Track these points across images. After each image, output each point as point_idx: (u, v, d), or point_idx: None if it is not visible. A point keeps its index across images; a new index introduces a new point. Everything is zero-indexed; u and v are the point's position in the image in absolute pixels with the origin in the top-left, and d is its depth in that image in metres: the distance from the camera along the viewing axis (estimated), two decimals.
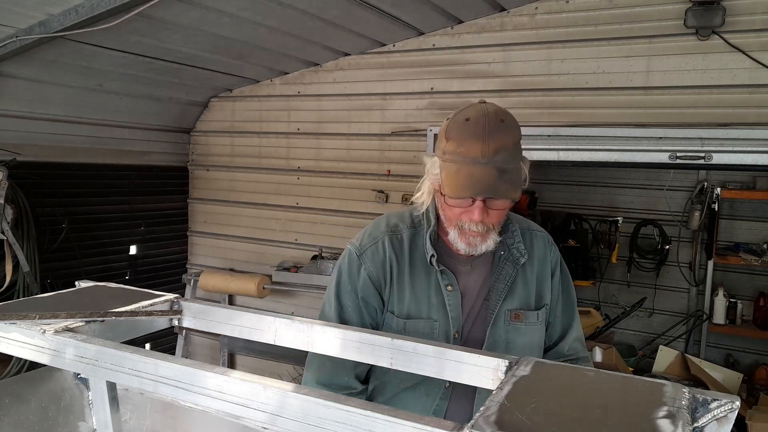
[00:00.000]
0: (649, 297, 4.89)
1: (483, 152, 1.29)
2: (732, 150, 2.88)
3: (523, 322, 1.47)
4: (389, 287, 1.47)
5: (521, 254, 1.49)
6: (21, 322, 1.01)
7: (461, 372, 0.99)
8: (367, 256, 1.48)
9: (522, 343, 1.47)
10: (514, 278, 1.48)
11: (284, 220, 4.28)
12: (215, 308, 1.24)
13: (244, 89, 4.35)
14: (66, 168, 3.74)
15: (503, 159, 1.31)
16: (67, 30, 2.68)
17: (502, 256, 1.49)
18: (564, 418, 0.70)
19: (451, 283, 1.45)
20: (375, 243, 1.49)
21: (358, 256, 1.49)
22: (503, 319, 1.46)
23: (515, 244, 1.49)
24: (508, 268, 1.48)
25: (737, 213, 4.77)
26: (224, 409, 0.81)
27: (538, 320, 1.50)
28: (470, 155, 1.30)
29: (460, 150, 1.31)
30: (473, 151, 1.30)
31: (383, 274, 1.47)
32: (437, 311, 1.45)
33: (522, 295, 1.49)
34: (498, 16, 3.41)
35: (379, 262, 1.47)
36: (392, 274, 1.46)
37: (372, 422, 0.70)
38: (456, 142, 1.33)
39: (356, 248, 1.51)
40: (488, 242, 1.39)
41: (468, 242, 1.39)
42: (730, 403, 0.72)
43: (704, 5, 2.88)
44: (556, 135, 3.23)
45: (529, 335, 1.49)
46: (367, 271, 1.47)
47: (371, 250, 1.49)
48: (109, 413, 0.99)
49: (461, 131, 1.33)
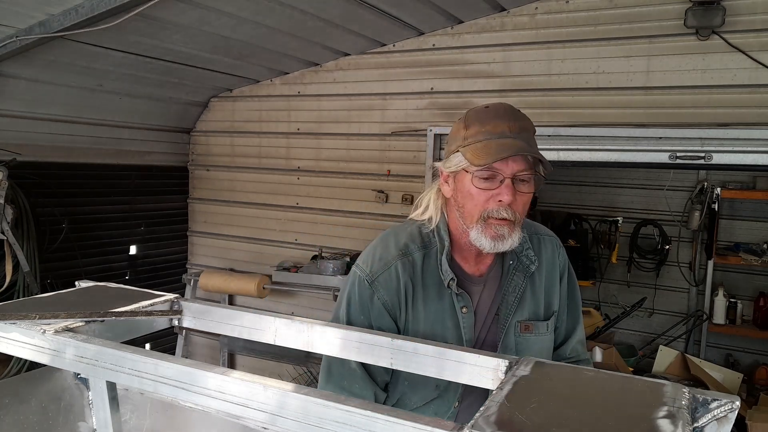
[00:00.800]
0: (649, 297, 4.89)
1: (510, 128, 1.28)
2: (732, 150, 2.88)
3: (533, 333, 1.44)
4: (404, 313, 1.39)
5: (531, 261, 1.44)
6: (21, 322, 1.01)
7: (461, 372, 0.99)
8: (380, 283, 1.38)
9: (531, 354, 1.42)
10: (524, 288, 1.44)
11: (284, 220, 4.28)
12: (215, 308, 1.24)
13: (244, 89, 4.35)
14: (66, 168, 3.74)
15: (529, 138, 1.30)
16: (67, 30, 2.68)
17: (511, 265, 1.43)
18: (564, 418, 0.70)
19: (466, 305, 1.40)
20: (387, 269, 1.39)
21: (369, 283, 1.39)
22: (513, 331, 1.42)
23: (524, 252, 1.44)
24: (518, 278, 1.43)
25: (737, 213, 4.77)
26: (224, 409, 0.81)
27: (547, 330, 1.46)
28: (497, 131, 1.28)
29: (486, 129, 1.29)
30: (500, 127, 1.28)
31: (398, 301, 1.38)
32: (451, 333, 1.39)
33: (531, 306, 1.45)
34: (498, 16, 3.41)
35: (393, 290, 1.38)
36: (407, 300, 1.38)
37: (372, 422, 0.70)
38: (479, 125, 1.30)
39: (367, 275, 1.40)
40: (513, 236, 1.31)
41: (494, 234, 1.29)
42: (730, 403, 0.72)
43: (704, 5, 2.88)
44: (556, 135, 3.23)
45: (538, 345, 1.45)
46: (381, 300, 1.38)
47: (384, 276, 1.38)
48: (109, 413, 0.99)
49: (483, 116, 1.32)
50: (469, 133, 1.31)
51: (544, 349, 1.47)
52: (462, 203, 1.34)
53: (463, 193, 1.33)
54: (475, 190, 1.29)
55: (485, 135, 1.28)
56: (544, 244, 1.50)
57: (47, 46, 2.95)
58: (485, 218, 1.30)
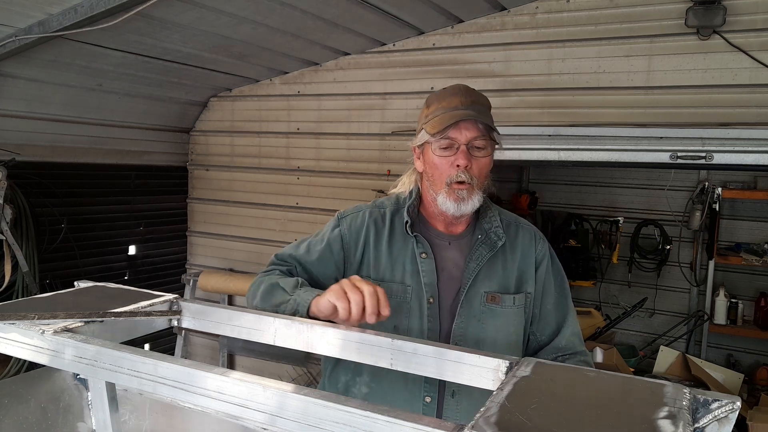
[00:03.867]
0: (649, 297, 4.89)
1: (462, 102, 1.46)
2: (733, 150, 2.87)
3: (499, 305, 1.51)
4: (362, 253, 1.56)
5: (498, 237, 1.55)
6: (20, 323, 1.01)
7: (461, 372, 0.99)
8: (345, 220, 1.61)
9: (496, 325, 1.50)
10: (490, 260, 1.53)
11: (284, 220, 4.28)
12: (215, 308, 1.23)
13: (243, 89, 4.34)
14: (65, 168, 3.74)
15: (480, 110, 1.47)
16: (67, 30, 2.68)
17: (479, 239, 1.55)
18: (565, 419, 0.70)
19: (425, 251, 1.53)
20: (356, 212, 1.62)
21: (338, 219, 1.63)
22: (479, 300, 1.50)
23: (493, 229, 1.56)
24: (483, 250, 1.54)
25: (738, 213, 4.77)
26: (224, 410, 0.81)
27: (514, 304, 1.53)
28: (451, 105, 1.47)
29: (442, 105, 1.48)
30: (453, 102, 1.47)
31: (356, 239, 1.56)
32: (411, 277, 1.52)
33: (501, 278, 1.54)
34: (498, 15, 3.41)
35: (355, 229, 1.58)
36: (367, 241, 1.56)
37: (372, 422, 0.69)
38: (436, 103, 1.50)
39: (340, 214, 1.65)
40: (474, 198, 1.47)
41: (456, 197, 1.46)
42: (731, 403, 0.72)
43: (705, 5, 2.88)
44: (556, 135, 3.23)
45: (503, 318, 1.51)
46: (341, 232, 1.58)
47: (351, 217, 1.61)
48: (108, 414, 0.98)
49: (440, 95, 1.52)
50: (430, 111, 1.51)
51: (510, 323, 1.52)
52: (430, 173, 1.52)
53: (430, 164, 1.51)
54: (437, 159, 1.48)
55: (441, 110, 1.47)
56: (522, 231, 1.62)
57: (46, 46, 2.95)
58: (449, 184, 1.47)
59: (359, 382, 1.52)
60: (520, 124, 3.33)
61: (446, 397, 1.47)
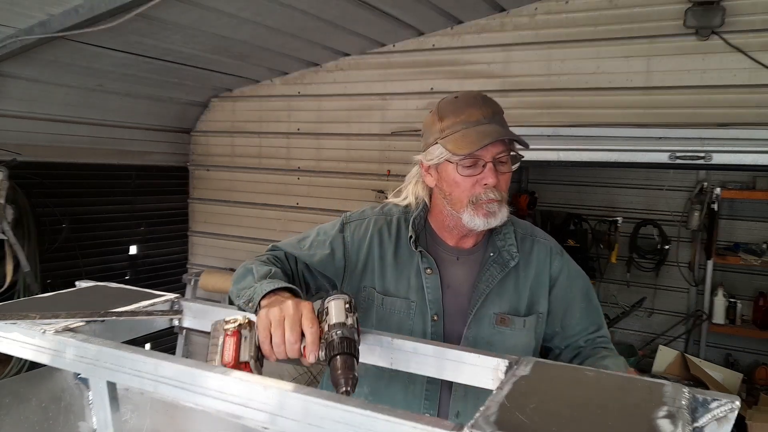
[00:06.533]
0: (648, 297, 4.89)
1: (484, 114, 1.35)
2: (732, 150, 2.87)
3: (509, 327, 1.44)
4: (365, 264, 1.48)
5: (511, 257, 1.46)
6: (21, 322, 1.01)
7: (461, 372, 0.99)
8: (350, 227, 1.53)
9: (505, 348, 1.43)
10: (501, 281, 1.45)
11: (284, 220, 4.28)
12: (216, 308, 1.24)
13: (244, 89, 4.35)
14: (66, 168, 3.75)
15: (502, 121, 1.38)
16: (67, 30, 2.68)
17: (491, 257, 1.47)
18: (564, 418, 0.70)
19: (430, 267, 1.45)
20: (362, 220, 1.53)
21: (343, 223, 1.54)
22: (488, 321, 1.43)
23: (506, 247, 1.47)
24: (494, 270, 1.45)
25: (737, 213, 4.77)
26: (224, 409, 0.81)
27: (524, 327, 1.45)
28: (472, 119, 1.35)
29: (461, 119, 1.35)
30: (474, 115, 1.35)
31: (357, 249, 1.49)
32: (415, 293, 1.45)
33: (512, 298, 1.46)
34: (498, 16, 3.41)
35: (358, 238, 1.50)
36: (371, 252, 1.48)
37: (372, 422, 0.70)
38: (453, 116, 1.37)
39: (346, 217, 1.56)
40: (503, 211, 1.38)
41: (486, 212, 1.36)
42: (730, 402, 0.72)
43: (704, 5, 2.88)
44: (556, 135, 3.23)
45: (513, 341, 1.44)
46: (345, 239, 1.51)
47: (356, 224, 1.53)
48: (109, 413, 0.99)
49: (456, 106, 1.39)
50: (445, 124, 1.38)
51: (519, 346, 1.44)
52: (449, 191, 1.40)
53: (448, 182, 1.39)
54: (460, 178, 1.37)
55: (462, 125, 1.35)
56: (537, 246, 1.52)
57: (47, 47, 2.95)
58: (474, 202, 1.37)
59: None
60: (519, 125, 3.33)
61: (450, 418, 1.42)
